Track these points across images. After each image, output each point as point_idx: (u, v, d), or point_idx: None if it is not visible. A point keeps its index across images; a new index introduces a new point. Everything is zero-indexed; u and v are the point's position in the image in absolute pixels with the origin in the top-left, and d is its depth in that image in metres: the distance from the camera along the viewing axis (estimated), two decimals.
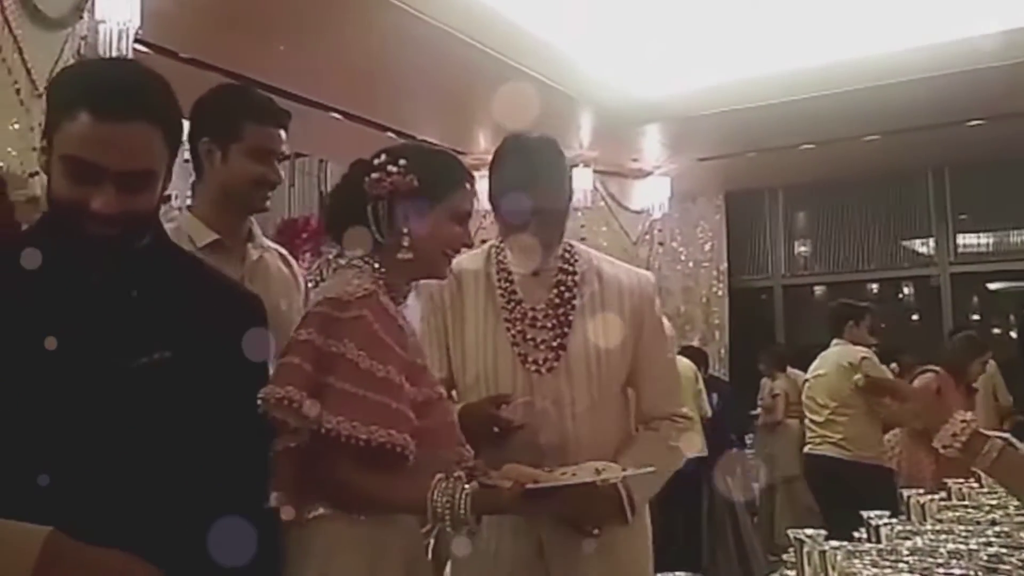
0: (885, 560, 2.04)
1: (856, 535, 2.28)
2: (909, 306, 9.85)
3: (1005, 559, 2.03)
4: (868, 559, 2.04)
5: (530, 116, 2.31)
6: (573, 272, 2.39)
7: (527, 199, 2.28)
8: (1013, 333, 9.58)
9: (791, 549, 1.94)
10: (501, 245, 2.43)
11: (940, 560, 2.03)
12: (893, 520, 2.29)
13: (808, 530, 1.93)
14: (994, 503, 2.65)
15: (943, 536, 2.26)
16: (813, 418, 6.03)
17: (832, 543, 1.89)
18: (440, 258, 2.02)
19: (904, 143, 7.56)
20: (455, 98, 6.40)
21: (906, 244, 9.48)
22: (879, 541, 2.18)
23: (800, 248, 9.98)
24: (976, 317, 9.39)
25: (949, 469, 2.97)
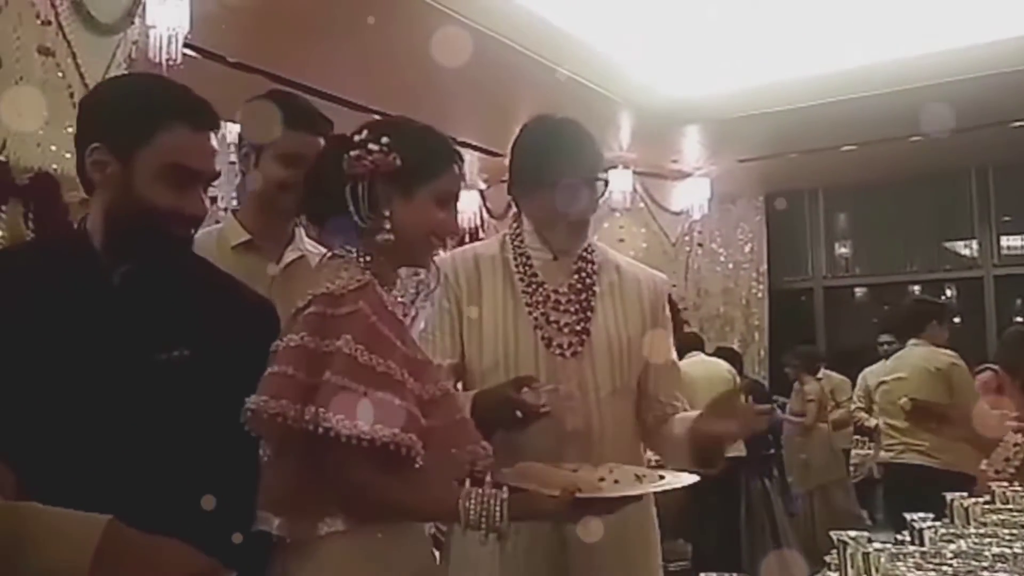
0: (929, 563, 2.01)
1: (899, 538, 2.28)
2: (952, 308, 9.75)
3: None
4: (912, 561, 2.01)
5: (570, 117, 2.30)
6: (592, 262, 2.38)
7: (580, 167, 2.28)
8: None
9: (834, 551, 1.95)
10: (517, 231, 2.40)
11: (984, 563, 2.00)
12: (937, 523, 2.29)
13: (853, 532, 1.94)
14: None
15: (987, 539, 2.23)
16: (893, 423, 5.62)
17: (875, 545, 1.90)
18: (424, 244, 1.85)
19: (947, 144, 7.48)
20: (495, 100, 6.43)
21: (948, 246, 9.39)
22: (923, 544, 2.17)
23: (841, 249, 9.91)
24: (1020, 319, 9.28)
25: None
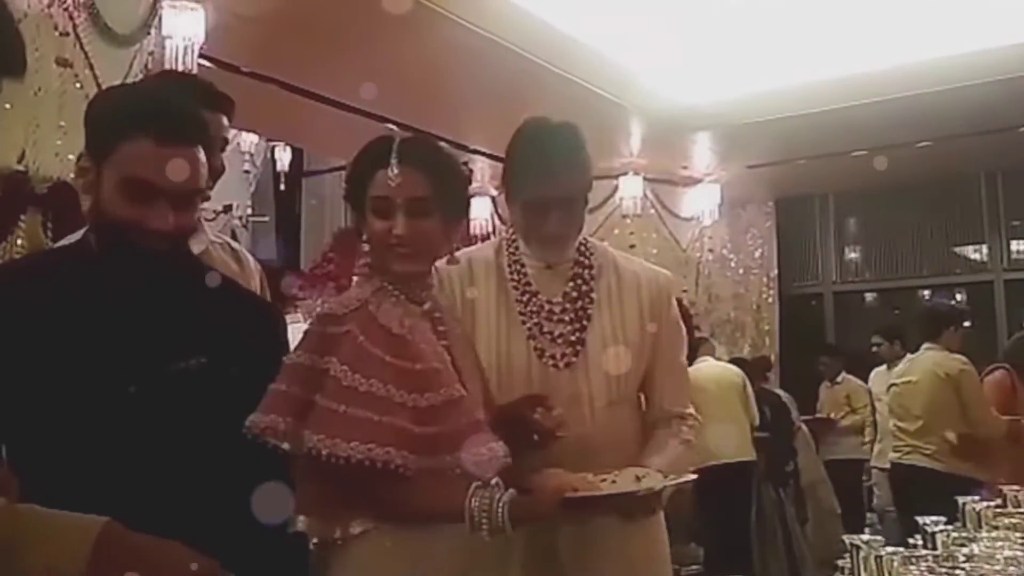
0: (941, 566, 2.02)
1: (911, 541, 2.30)
2: (965, 314, 9.75)
3: None
4: (924, 565, 2.01)
5: (580, 124, 2.28)
6: (589, 265, 2.32)
7: (546, 187, 2.20)
8: None
9: (846, 555, 1.98)
10: (513, 236, 2.35)
11: (997, 567, 2.01)
12: (949, 527, 2.31)
13: (865, 536, 1.96)
14: None
15: (999, 543, 2.23)
16: (903, 426, 5.67)
17: (888, 549, 1.92)
18: (383, 254, 1.88)
19: (957, 149, 7.51)
20: (506, 108, 6.41)
21: (958, 250, 9.39)
22: (935, 547, 2.19)
23: (851, 254, 9.92)
24: None
25: None
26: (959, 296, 9.54)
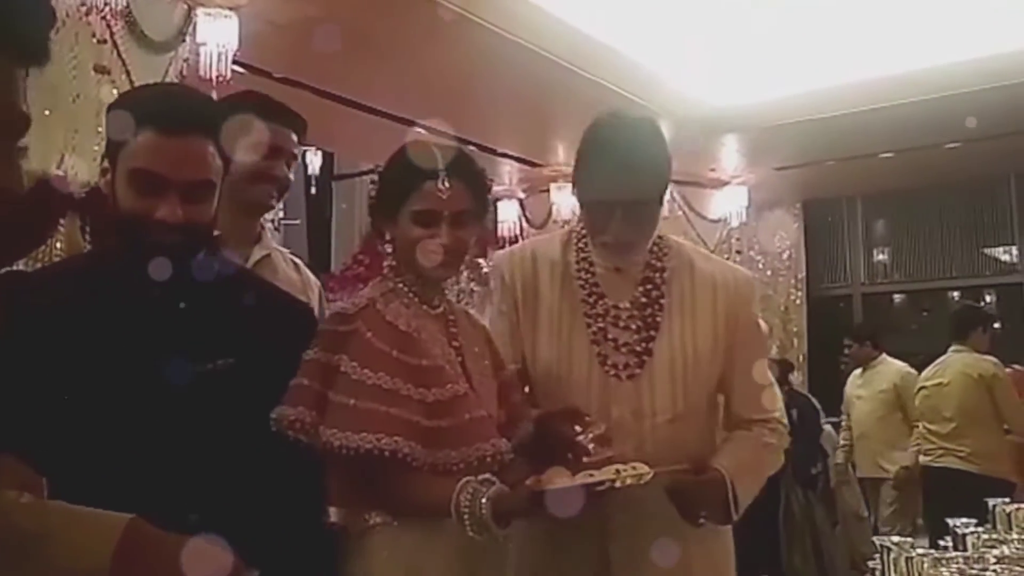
0: (972, 568, 2.01)
1: (942, 543, 2.31)
2: (992, 314, 9.70)
3: None
4: (955, 567, 2.01)
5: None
6: (662, 268, 2.18)
7: (610, 189, 2.05)
8: None
9: (877, 556, 1.99)
10: (583, 232, 2.21)
11: None
12: (979, 528, 2.32)
13: (896, 537, 1.98)
14: None
15: None
16: (934, 428, 5.68)
17: (919, 550, 1.94)
18: (420, 261, 1.91)
19: (986, 150, 7.46)
20: (535, 112, 6.49)
21: (988, 251, 9.34)
22: (965, 549, 2.20)
23: (879, 256, 9.88)
24: None
25: None
26: (988, 297, 9.49)
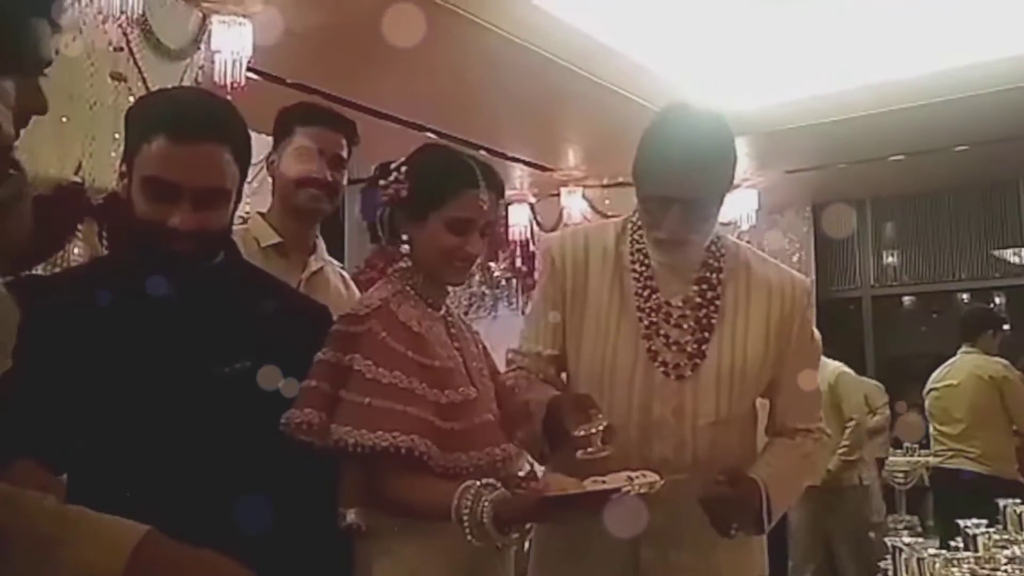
0: (983, 568, 2.05)
1: (952, 544, 2.33)
2: (1003, 319, 9.70)
3: None
4: (966, 567, 2.04)
5: (618, 132, 2.22)
6: (719, 268, 2.11)
7: (664, 184, 2.00)
8: None
9: (888, 557, 2.02)
10: (639, 223, 2.15)
11: None
12: (990, 529, 2.34)
13: (907, 538, 2.01)
14: None
15: None
16: (944, 430, 5.70)
17: (930, 551, 1.96)
18: (444, 267, 1.93)
19: (995, 153, 7.46)
20: (545, 116, 6.52)
21: (997, 254, 9.33)
22: (976, 550, 2.22)
23: (889, 259, 9.88)
24: None
25: None
26: (998, 299, 9.49)
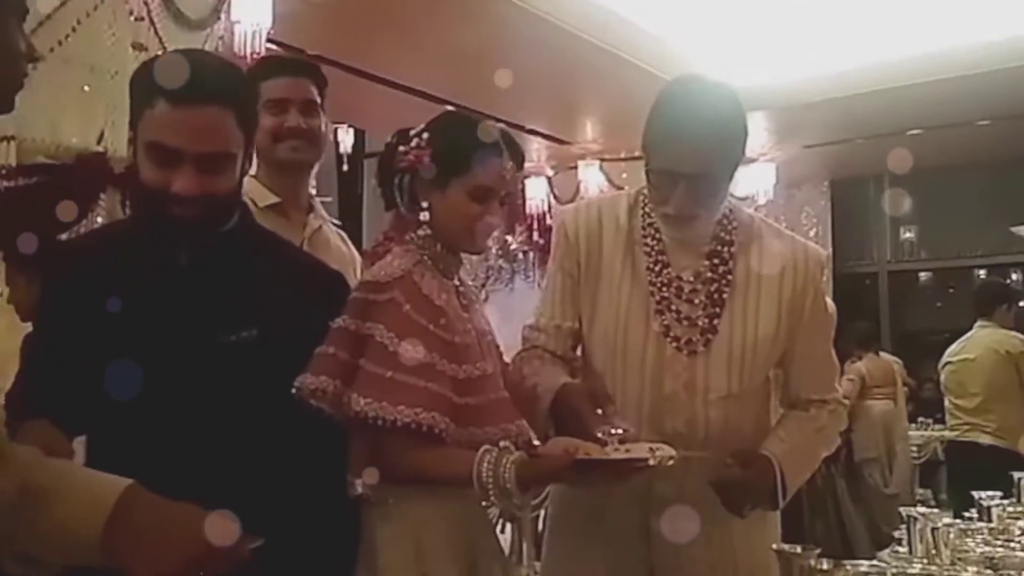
0: (997, 539, 2.07)
1: (967, 515, 2.35)
2: (1018, 292, 9.68)
3: None
4: (980, 538, 2.07)
5: (636, 105, 2.19)
6: (731, 242, 2.10)
7: (671, 158, 1.96)
8: None
9: (902, 526, 2.03)
10: (649, 197, 2.12)
11: None
12: (1005, 501, 2.36)
13: (922, 508, 2.02)
14: None
15: None
16: (960, 403, 5.73)
17: (945, 520, 1.98)
18: (463, 235, 1.91)
19: (1013, 129, 7.43)
20: (563, 89, 6.52)
21: (1015, 230, 9.29)
22: (990, 520, 2.24)
23: (906, 234, 9.85)
24: None
25: None
26: (1015, 276, 9.48)
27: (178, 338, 1.69)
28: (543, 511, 2.40)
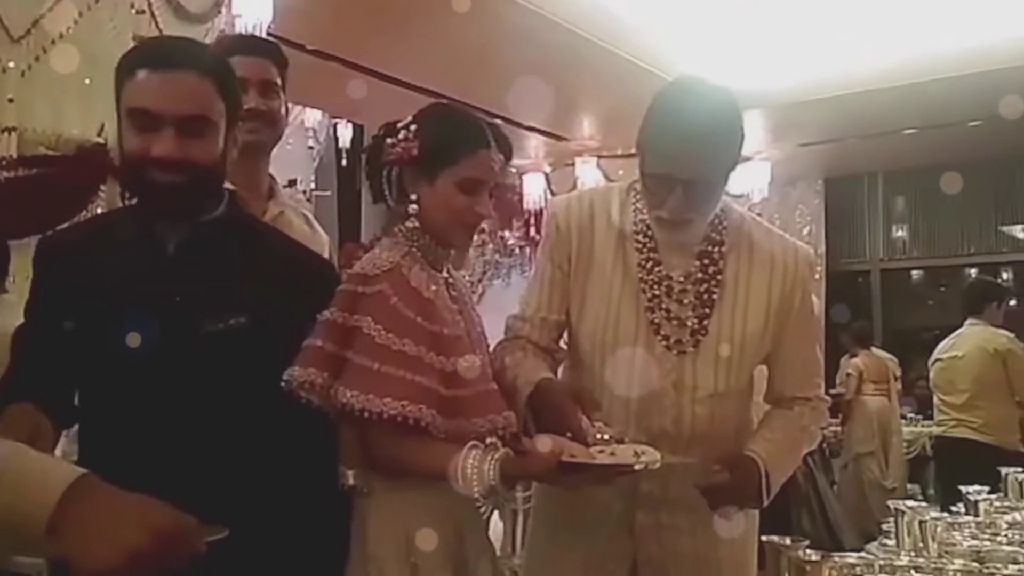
0: (983, 533, 2.10)
1: (954, 509, 2.39)
2: (1009, 291, 9.72)
3: None
4: (967, 531, 2.10)
5: (633, 103, 2.17)
6: (721, 242, 2.09)
7: (665, 163, 1.95)
8: None
9: (891, 519, 2.06)
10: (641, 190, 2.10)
11: None
12: (992, 496, 2.40)
13: (910, 501, 2.06)
14: None
15: None
16: (948, 400, 5.80)
17: (932, 514, 2.01)
18: (452, 229, 1.91)
19: (1005, 129, 7.45)
20: (560, 86, 6.51)
21: (1005, 229, 9.35)
22: (978, 515, 2.26)
23: (898, 232, 9.90)
24: None
25: None
26: (1005, 274, 9.53)
27: (167, 326, 1.69)
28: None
